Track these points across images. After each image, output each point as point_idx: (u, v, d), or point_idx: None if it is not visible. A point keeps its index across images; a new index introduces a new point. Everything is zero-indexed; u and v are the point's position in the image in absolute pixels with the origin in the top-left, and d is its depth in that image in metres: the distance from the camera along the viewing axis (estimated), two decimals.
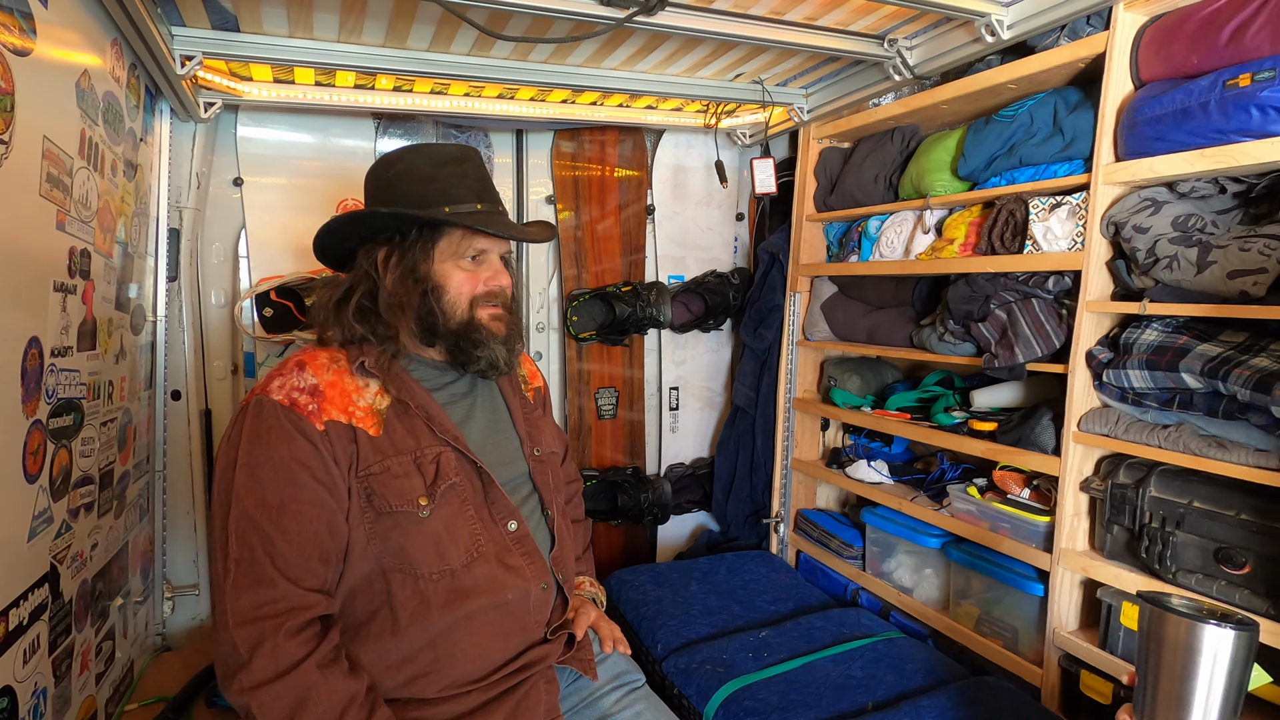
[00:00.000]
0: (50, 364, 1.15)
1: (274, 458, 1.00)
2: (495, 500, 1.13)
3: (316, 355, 1.11)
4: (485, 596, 1.07)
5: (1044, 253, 1.51)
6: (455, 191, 1.12)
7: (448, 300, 1.11)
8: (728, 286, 2.52)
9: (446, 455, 1.09)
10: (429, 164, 1.14)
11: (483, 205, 1.13)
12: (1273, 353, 1.20)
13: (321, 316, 1.15)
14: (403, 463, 1.06)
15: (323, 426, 1.03)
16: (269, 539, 0.97)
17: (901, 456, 2.11)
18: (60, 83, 1.17)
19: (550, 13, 1.39)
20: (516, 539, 1.13)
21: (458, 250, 1.12)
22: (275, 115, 2.07)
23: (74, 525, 1.28)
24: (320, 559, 1.00)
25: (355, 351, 1.10)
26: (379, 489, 1.04)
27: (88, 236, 1.31)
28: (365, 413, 1.07)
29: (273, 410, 1.02)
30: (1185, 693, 0.77)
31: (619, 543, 2.59)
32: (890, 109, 1.89)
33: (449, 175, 1.13)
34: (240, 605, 0.95)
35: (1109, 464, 1.43)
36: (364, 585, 1.04)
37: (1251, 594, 1.20)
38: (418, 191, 1.13)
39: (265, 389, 1.05)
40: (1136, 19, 1.36)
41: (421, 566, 1.04)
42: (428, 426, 1.10)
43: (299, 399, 1.03)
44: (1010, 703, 1.41)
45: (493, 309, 1.14)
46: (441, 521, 1.06)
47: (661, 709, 1.23)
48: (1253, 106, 1.16)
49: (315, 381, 1.06)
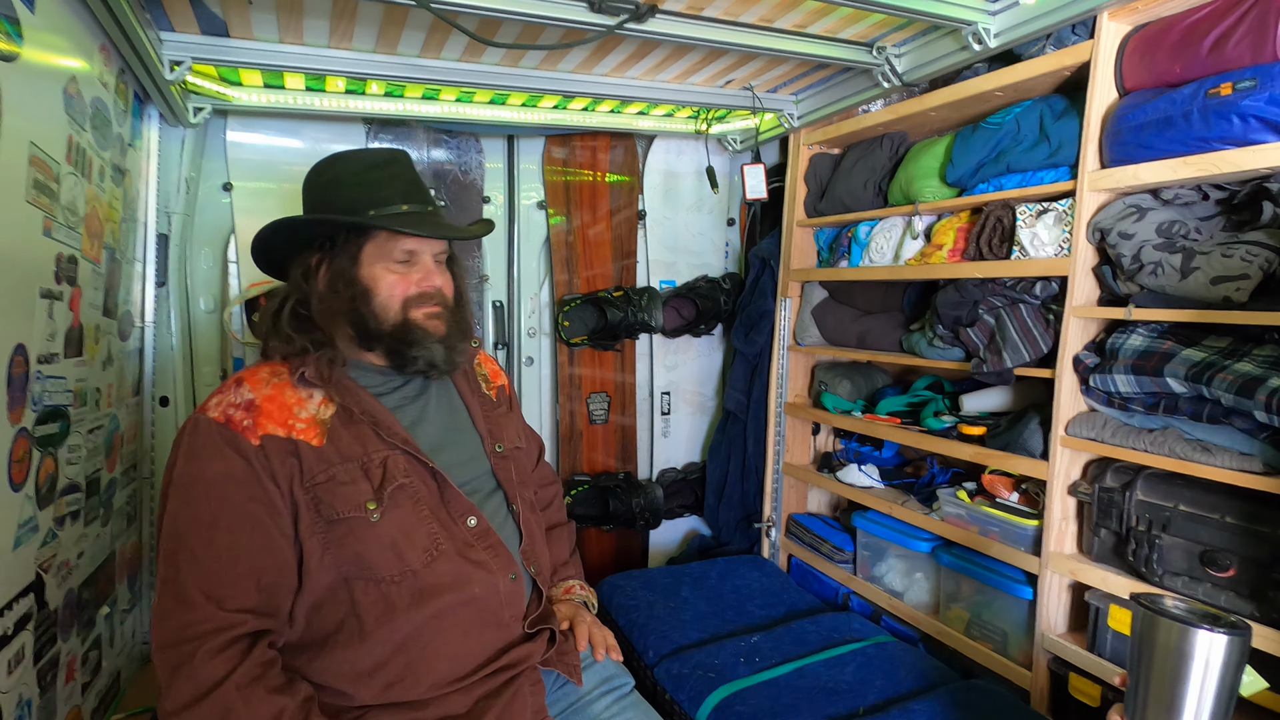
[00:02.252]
0: (36, 371, 1.14)
1: (205, 476, 1.00)
2: (451, 499, 1.12)
3: (257, 370, 1.10)
4: (450, 593, 1.07)
5: (1031, 258, 1.52)
6: (381, 194, 1.12)
7: (379, 303, 1.10)
8: (719, 291, 2.53)
9: (394, 458, 1.09)
10: (357, 169, 1.14)
11: (409, 206, 1.12)
12: (1255, 358, 1.21)
13: (264, 329, 1.14)
14: (348, 469, 1.05)
15: (258, 442, 1.02)
16: (195, 558, 0.97)
17: (892, 461, 2.12)
18: (47, 88, 1.16)
19: (541, 20, 1.40)
20: (478, 534, 1.12)
21: (385, 253, 1.11)
22: (265, 120, 2.07)
23: (60, 534, 1.27)
24: (251, 577, 0.98)
25: (297, 363, 1.09)
26: (325, 497, 1.03)
27: (75, 243, 1.30)
28: (308, 424, 1.06)
29: (207, 428, 1.02)
30: (1176, 696, 0.77)
31: (611, 548, 2.58)
32: (879, 115, 1.91)
33: (376, 179, 1.13)
34: (164, 628, 0.95)
35: (1096, 468, 1.45)
36: (328, 597, 1.04)
37: (1236, 596, 1.21)
38: (345, 196, 1.13)
39: (204, 407, 1.05)
40: (1121, 28, 1.38)
41: (381, 570, 1.04)
42: (374, 431, 1.09)
43: (234, 415, 1.03)
44: (1000, 706, 1.42)
45: (429, 309, 1.13)
46: (395, 523, 1.06)
47: (651, 715, 1.23)
48: (1234, 115, 1.18)
49: (252, 397, 1.06)
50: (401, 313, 1.11)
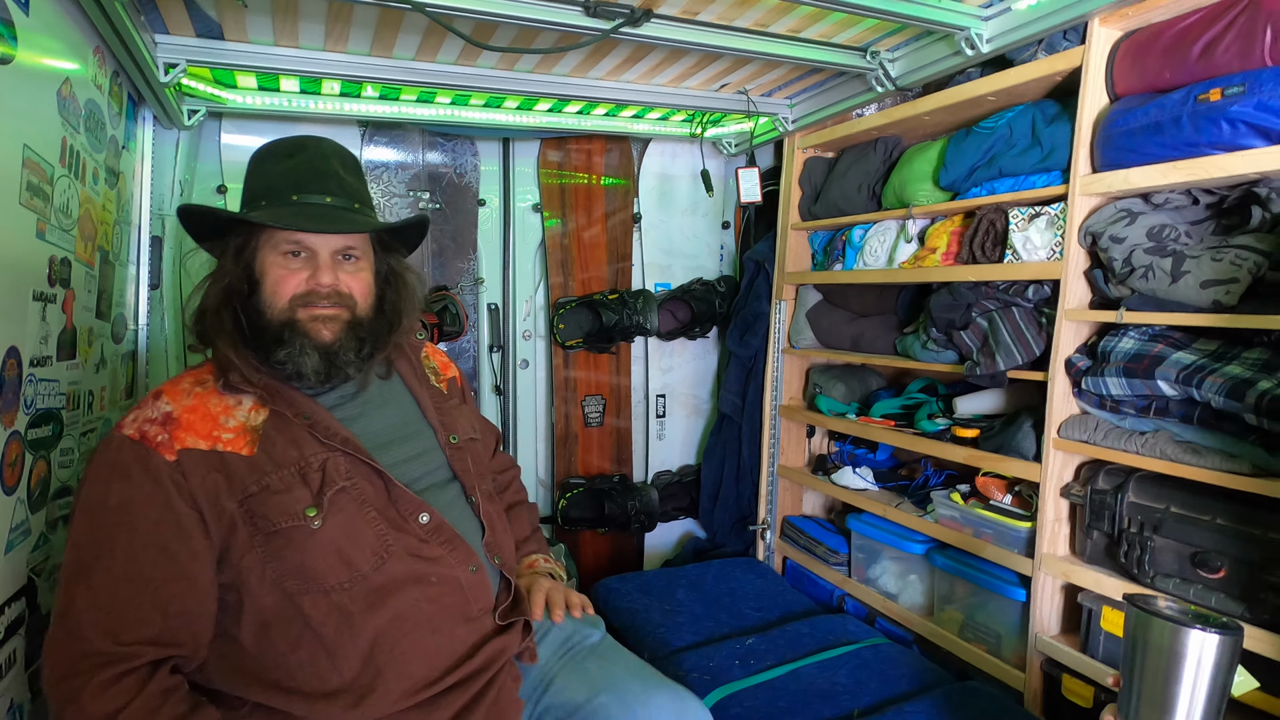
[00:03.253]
0: (29, 374, 1.14)
1: (109, 501, 0.94)
2: (399, 497, 1.06)
3: (179, 381, 1.05)
4: (405, 589, 1.01)
5: (1024, 262, 1.53)
6: (275, 184, 1.07)
7: (263, 297, 1.04)
8: (714, 294, 2.54)
9: (334, 460, 1.03)
10: (268, 159, 1.11)
11: (299, 197, 1.06)
12: (1244, 360, 1.22)
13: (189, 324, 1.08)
14: (283, 477, 1.00)
15: (174, 458, 0.96)
16: (91, 588, 0.91)
17: (886, 463, 2.13)
18: (41, 90, 1.16)
19: (536, 24, 1.40)
20: (431, 530, 1.07)
21: (274, 245, 1.05)
22: (260, 123, 2.06)
23: (53, 537, 1.26)
24: (155, 607, 0.92)
25: (221, 368, 1.04)
26: (259, 509, 0.97)
27: (68, 245, 1.29)
28: (235, 433, 1.01)
29: (118, 447, 0.97)
30: (1169, 696, 0.77)
31: (606, 551, 2.58)
32: (873, 120, 1.92)
33: (279, 170, 1.09)
34: (54, 660, 0.90)
35: (1088, 470, 1.46)
36: (275, 617, 0.97)
37: (1227, 597, 1.22)
38: (252, 188, 1.10)
39: (119, 425, 0.99)
40: (1111, 34, 1.39)
41: (329, 578, 0.98)
42: (310, 434, 1.04)
43: (149, 431, 0.97)
44: (993, 707, 1.42)
45: (318, 309, 1.04)
46: (339, 528, 1.00)
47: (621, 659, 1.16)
48: (1223, 120, 1.19)
49: (169, 409, 1.00)
50: (289, 311, 1.04)
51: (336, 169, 1.10)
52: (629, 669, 1.13)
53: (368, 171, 2.19)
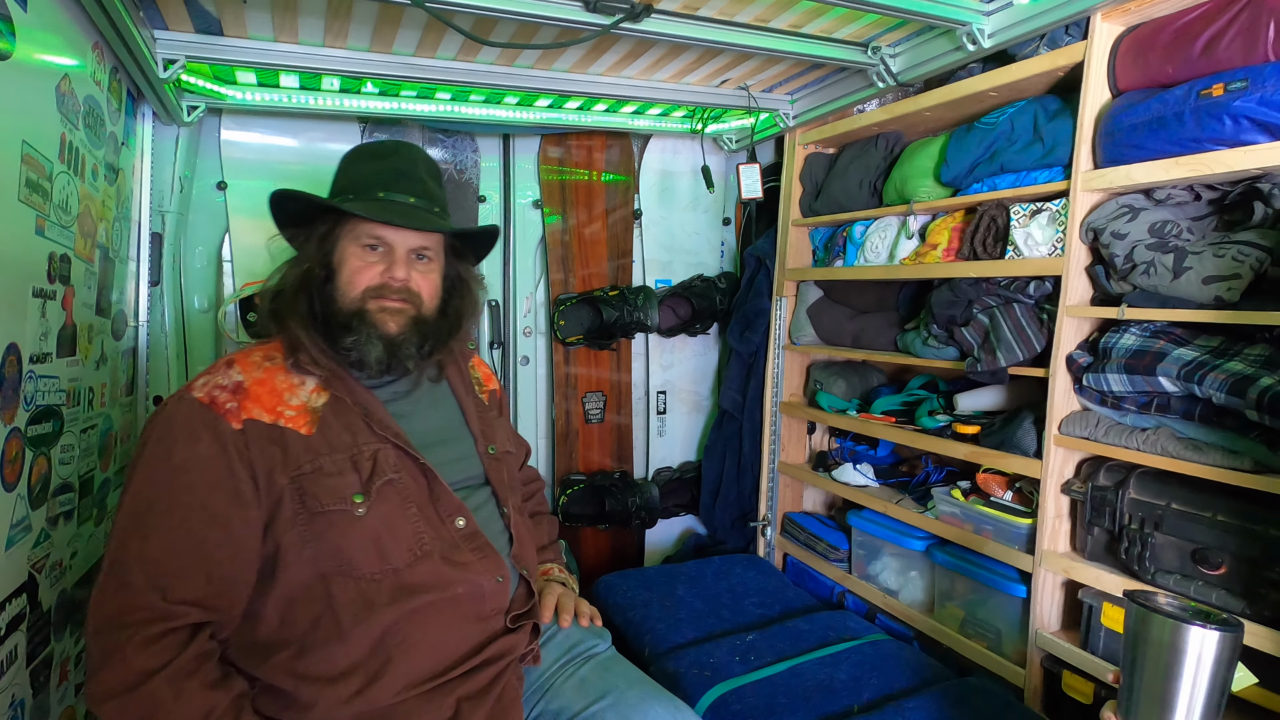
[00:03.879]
0: (29, 371, 1.14)
1: (173, 459, 0.97)
2: (440, 497, 1.09)
3: (250, 353, 1.09)
4: (433, 592, 1.03)
5: (1025, 258, 1.53)
6: (365, 180, 1.12)
7: (339, 285, 1.08)
8: (714, 291, 2.53)
9: (385, 451, 1.06)
10: (361, 158, 1.16)
11: (385, 194, 1.10)
12: (1246, 357, 1.22)
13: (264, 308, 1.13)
14: (336, 460, 1.03)
15: (240, 426, 0.99)
16: (146, 542, 0.94)
17: (887, 460, 2.13)
18: (40, 86, 1.16)
19: (536, 19, 1.40)
20: (465, 535, 1.09)
21: (355, 236, 1.09)
22: (260, 119, 2.06)
23: (53, 534, 1.27)
24: (201, 569, 0.94)
25: (291, 347, 1.07)
26: (310, 488, 1.00)
27: (68, 242, 1.29)
28: (298, 411, 1.04)
29: (188, 408, 0.99)
30: (1169, 693, 0.78)
31: (606, 547, 2.58)
32: (874, 115, 1.91)
33: (371, 167, 1.13)
34: (102, 610, 0.91)
35: (1089, 466, 1.45)
36: (302, 593, 1.00)
37: (1228, 594, 1.22)
38: (340, 181, 1.15)
39: (189, 386, 1.02)
40: (1114, 29, 1.38)
41: (362, 567, 1.01)
42: (365, 423, 1.07)
43: (219, 396, 1.01)
44: (994, 704, 1.42)
45: (388, 301, 1.09)
46: (381, 519, 1.03)
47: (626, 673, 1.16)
48: (1225, 116, 1.18)
49: (241, 379, 1.03)
50: (360, 300, 1.08)
51: (422, 174, 1.16)
52: (628, 679, 1.14)
53: None
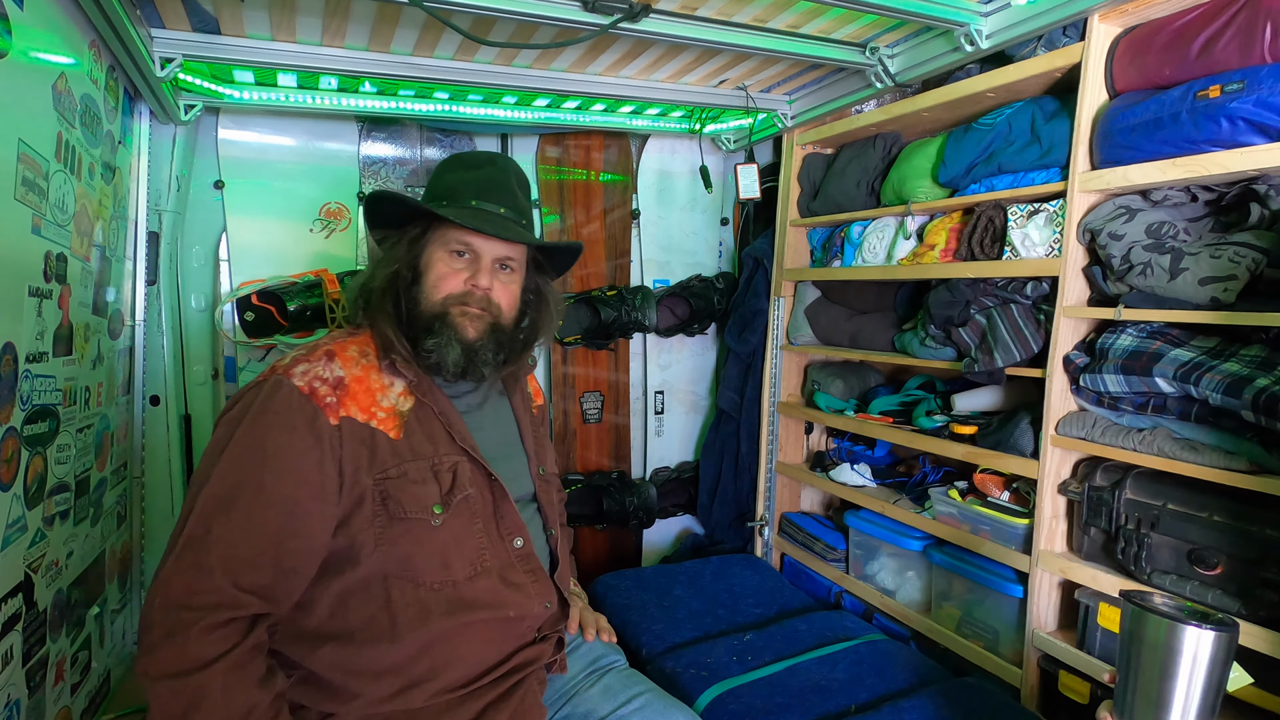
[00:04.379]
0: (25, 370, 1.13)
1: (267, 445, 0.96)
2: (505, 515, 1.11)
3: (346, 346, 1.08)
4: (486, 610, 1.06)
5: (1022, 259, 1.53)
6: (459, 188, 1.14)
7: (424, 288, 1.11)
8: (712, 291, 2.53)
9: (463, 465, 1.08)
10: (456, 167, 1.19)
11: (477, 203, 1.12)
12: (1242, 358, 1.22)
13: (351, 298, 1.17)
14: (420, 468, 1.04)
15: (337, 421, 1.00)
16: (228, 526, 0.93)
17: (884, 460, 2.13)
18: (36, 85, 1.16)
19: (535, 19, 1.40)
20: (521, 556, 1.12)
21: (444, 242, 1.12)
22: (257, 118, 2.05)
23: (49, 533, 1.26)
24: (272, 562, 0.94)
25: (385, 346, 1.09)
26: (395, 493, 1.01)
27: (64, 240, 1.29)
28: (388, 414, 1.05)
29: (287, 395, 0.99)
30: (1165, 692, 0.78)
31: (604, 547, 2.58)
32: (872, 116, 1.91)
33: (465, 177, 1.15)
34: (173, 588, 0.91)
35: (1086, 467, 1.46)
36: (359, 589, 1.01)
37: (1223, 594, 1.22)
38: (435, 189, 1.17)
39: (288, 371, 1.01)
40: (1111, 30, 1.39)
41: (424, 575, 1.02)
42: (447, 433, 1.09)
43: (319, 389, 1.00)
44: (990, 703, 1.42)
45: (469, 308, 1.11)
46: (451, 532, 1.05)
47: (646, 683, 1.21)
48: (1222, 117, 1.18)
49: (342, 374, 1.03)
50: (442, 305, 1.10)
51: (514, 186, 1.17)
52: (652, 690, 1.20)
53: (365, 167, 2.19)
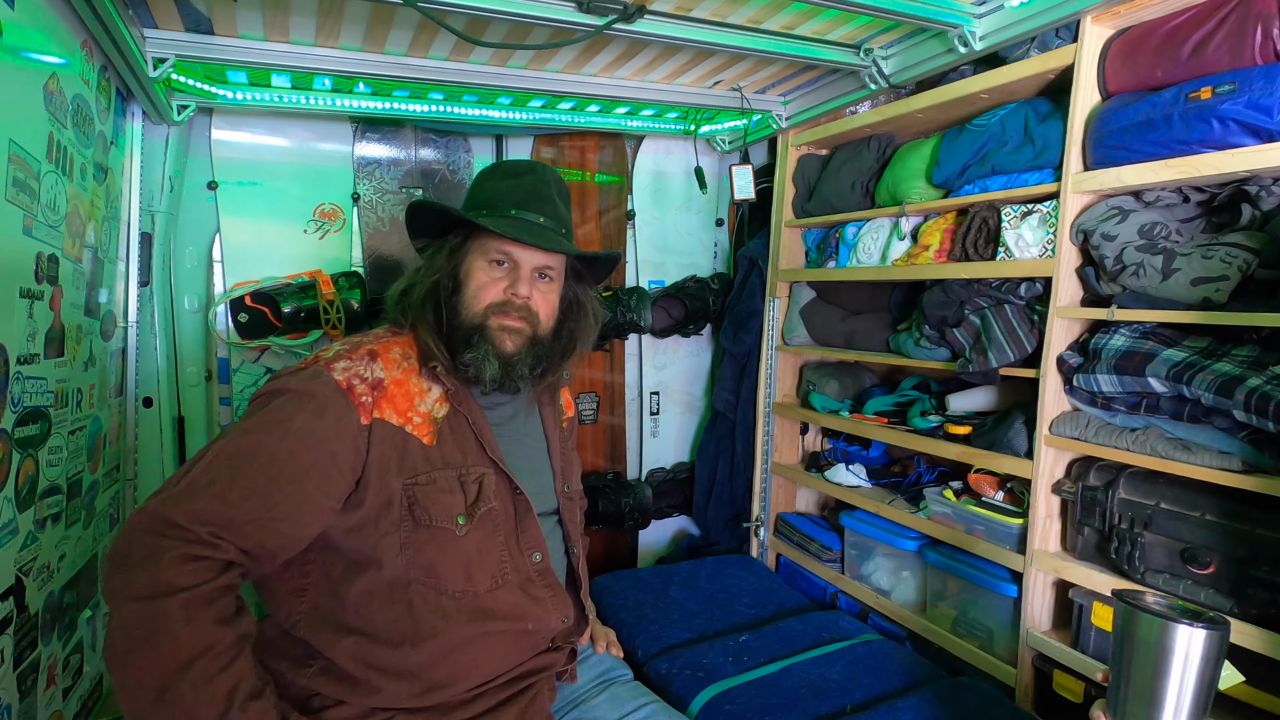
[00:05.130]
0: (16, 372, 1.13)
1: (293, 424, 0.96)
2: (526, 530, 1.12)
3: (390, 347, 1.09)
4: (506, 622, 1.07)
5: (1016, 259, 1.54)
6: (499, 197, 1.14)
7: (464, 297, 1.11)
8: (707, 292, 2.53)
9: (489, 477, 1.08)
10: (497, 175, 1.19)
11: (517, 212, 1.12)
12: (1234, 358, 1.23)
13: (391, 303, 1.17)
14: (448, 477, 1.05)
15: (368, 422, 1.00)
16: (229, 484, 0.91)
17: (879, 460, 2.14)
18: (27, 85, 1.15)
19: (529, 19, 1.39)
20: (540, 571, 1.13)
21: (484, 251, 1.12)
22: (251, 118, 2.05)
23: (40, 536, 1.25)
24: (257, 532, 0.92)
25: (427, 352, 1.09)
26: (422, 500, 1.02)
27: (56, 241, 1.28)
28: (424, 419, 1.06)
29: (325, 385, 0.99)
30: (1157, 690, 0.78)
31: (600, 548, 2.58)
32: (866, 117, 1.92)
33: (505, 186, 1.16)
34: (162, 511, 0.88)
35: (1080, 467, 1.46)
36: (384, 591, 1.02)
37: (1216, 592, 1.23)
38: (475, 196, 1.17)
39: (330, 364, 1.02)
40: (1103, 32, 1.39)
41: (448, 584, 1.03)
42: (478, 444, 1.09)
43: (357, 386, 1.01)
44: (985, 703, 1.43)
45: (508, 319, 1.10)
46: (475, 543, 1.05)
47: (650, 696, 1.24)
48: (1214, 119, 1.19)
49: (382, 376, 1.04)
50: (483, 315, 1.10)
51: (554, 195, 1.17)
52: (656, 702, 1.23)
53: (359, 168, 2.18)
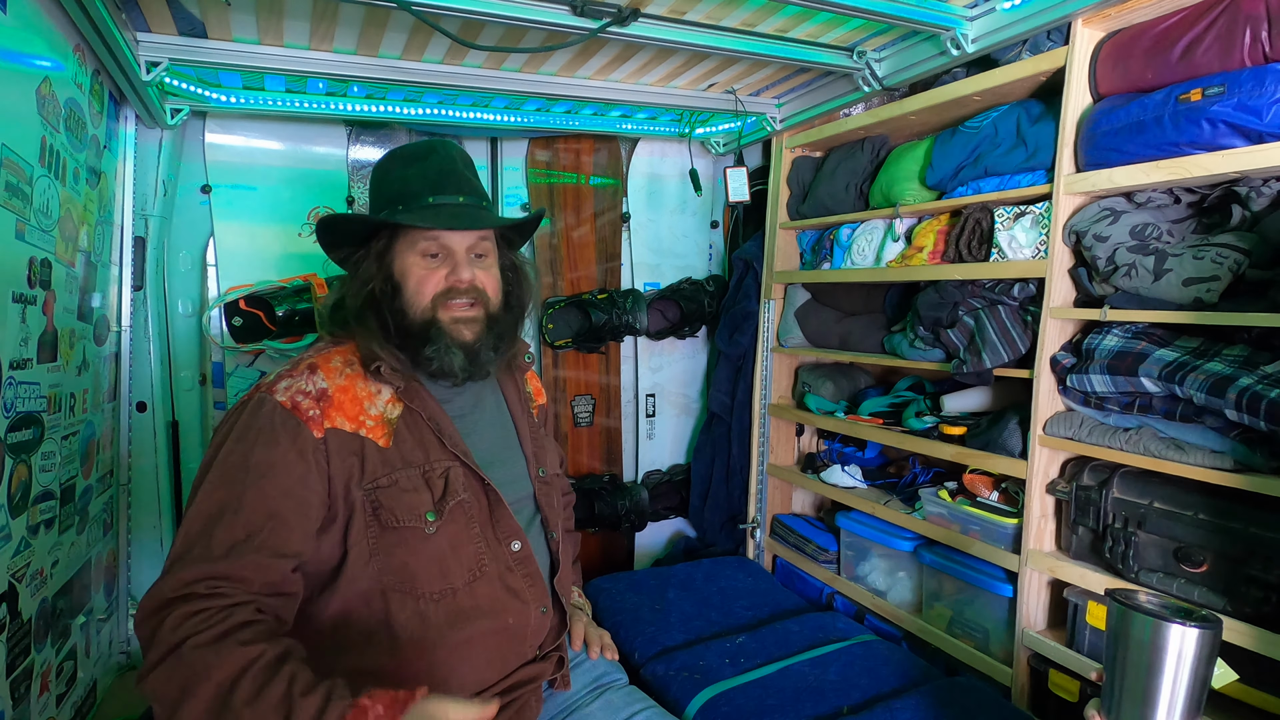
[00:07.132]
0: (8, 376, 1.12)
1: (249, 463, 0.95)
2: (501, 519, 1.10)
3: (330, 357, 1.07)
4: (486, 619, 1.05)
5: (1009, 260, 1.54)
6: (411, 187, 1.10)
7: (406, 297, 1.08)
8: (703, 293, 2.54)
9: (455, 470, 1.07)
10: (399, 164, 1.14)
11: (435, 198, 1.09)
12: (1225, 357, 1.24)
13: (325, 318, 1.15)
14: (411, 476, 1.03)
15: (321, 434, 0.99)
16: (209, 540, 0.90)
17: (875, 461, 2.14)
18: (19, 89, 1.14)
19: (524, 23, 1.40)
20: (519, 560, 1.11)
21: (414, 246, 1.08)
22: (244, 122, 2.04)
23: (33, 542, 1.25)
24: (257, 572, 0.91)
25: (370, 355, 1.06)
26: (386, 502, 1.00)
27: (48, 246, 1.28)
28: (376, 422, 1.04)
29: (270, 411, 0.98)
30: (1151, 689, 0.79)
31: (596, 550, 2.58)
32: (860, 119, 1.93)
33: (411, 173, 1.12)
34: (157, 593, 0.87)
35: (1074, 466, 1.47)
36: (360, 605, 1.00)
37: (1209, 591, 1.24)
38: (386, 193, 1.13)
39: (271, 387, 1.01)
40: (1094, 34, 1.40)
41: (423, 585, 1.01)
42: (438, 439, 1.07)
43: (302, 403, 0.99)
44: (981, 702, 1.43)
45: (459, 307, 1.08)
46: (447, 539, 1.03)
47: (647, 701, 1.22)
48: (1204, 120, 1.20)
49: (325, 386, 1.02)
50: (431, 309, 1.08)
51: (463, 170, 1.15)
52: (653, 707, 1.21)
53: (354, 172, 2.18)
